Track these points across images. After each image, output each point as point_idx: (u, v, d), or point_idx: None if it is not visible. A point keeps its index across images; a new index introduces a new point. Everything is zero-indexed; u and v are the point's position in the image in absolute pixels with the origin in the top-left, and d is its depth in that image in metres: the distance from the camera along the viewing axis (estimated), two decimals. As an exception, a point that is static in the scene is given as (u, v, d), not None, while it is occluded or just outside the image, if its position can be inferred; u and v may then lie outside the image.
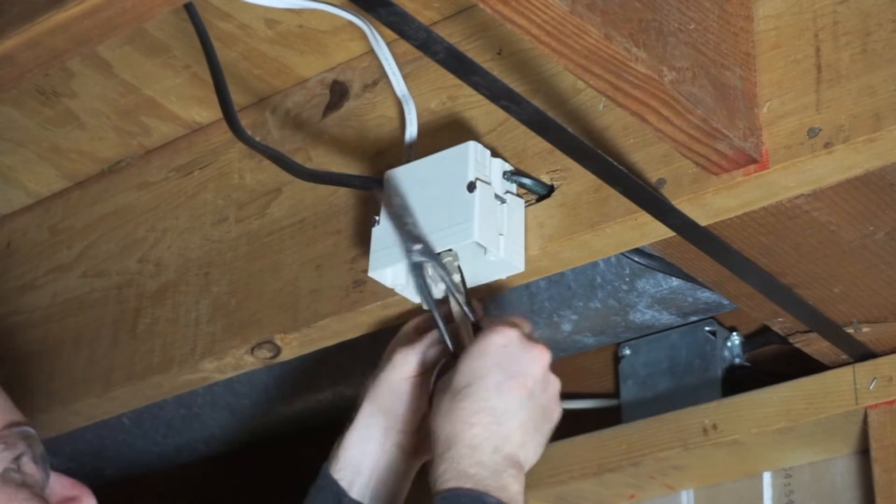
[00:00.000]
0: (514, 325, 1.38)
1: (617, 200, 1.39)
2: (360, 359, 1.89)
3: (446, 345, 1.42)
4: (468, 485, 1.28)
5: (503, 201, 1.45)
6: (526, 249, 1.45)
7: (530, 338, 1.37)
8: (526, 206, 1.47)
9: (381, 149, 1.62)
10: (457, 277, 1.43)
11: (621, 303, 1.73)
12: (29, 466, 1.25)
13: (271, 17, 1.62)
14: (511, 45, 1.53)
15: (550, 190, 1.46)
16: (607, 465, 1.82)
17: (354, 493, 1.44)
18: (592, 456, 1.83)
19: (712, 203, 1.36)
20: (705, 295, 1.71)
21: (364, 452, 1.45)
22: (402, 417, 1.44)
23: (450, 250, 1.44)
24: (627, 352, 1.92)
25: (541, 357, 1.36)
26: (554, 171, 1.46)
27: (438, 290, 1.44)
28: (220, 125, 1.74)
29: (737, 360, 1.85)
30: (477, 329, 1.41)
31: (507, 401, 1.33)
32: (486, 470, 1.29)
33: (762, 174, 1.32)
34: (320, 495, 1.44)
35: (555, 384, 1.38)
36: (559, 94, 1.47)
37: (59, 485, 1.29)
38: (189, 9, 1.42)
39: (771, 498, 1.81)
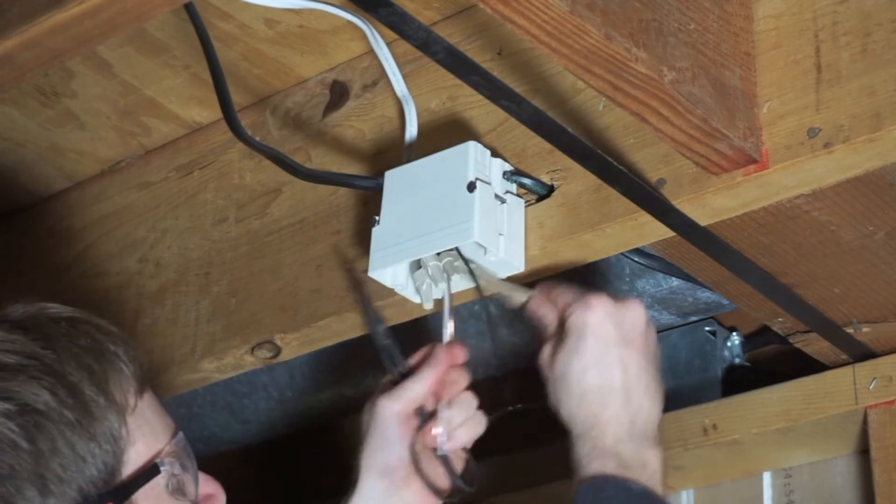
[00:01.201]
0: (597, 295, 1.37)
1: (617, 200, 1.39)
2: (362, 358, 1.89)
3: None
4: (612, 464, 1.30)
5: (503, 201, 1.45)
6: (526, 249, 1.45)
7: (617, 297, 1.38)
8: (526, 206, 1.47)
9: (381, 149, 1.62)
10: (456, 276, 1.43)
11: (621, 303, 1.73)
12: (183, 472, 1.24)
13: (271, 17, 1.62)
14: (511, 45, 1.53)
15: (550, 190, 1.46)
16: (607, 465, 1.81)
17: None
18: (593, 456, 1.83)
19: (712, 203, 1.36)
20: (705, 295, 1.71)
21: None
22: (399, 471, 1.41)
23: (452, 250, 1.44)
24: (627, 352, 1.92)
25: (639, 310, 1.37)
26: (554, 171, 1.46)
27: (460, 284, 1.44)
28: (220, 125, 1.74)
29: (737, 360, 1.85)
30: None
31: (630, 372, 1.34)
32: (628, 447, 1.31)
33: (762, 174, 1.32)
34: None
35: (653, 329, 1.39)
36: (559, 94, 1.47)
37: (201, 482, 1.27)
38: (189, 9, 1.42)
39: (771, 498, 1.81)
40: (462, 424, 1.41)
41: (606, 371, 1.34)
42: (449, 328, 1.44)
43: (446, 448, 1.40)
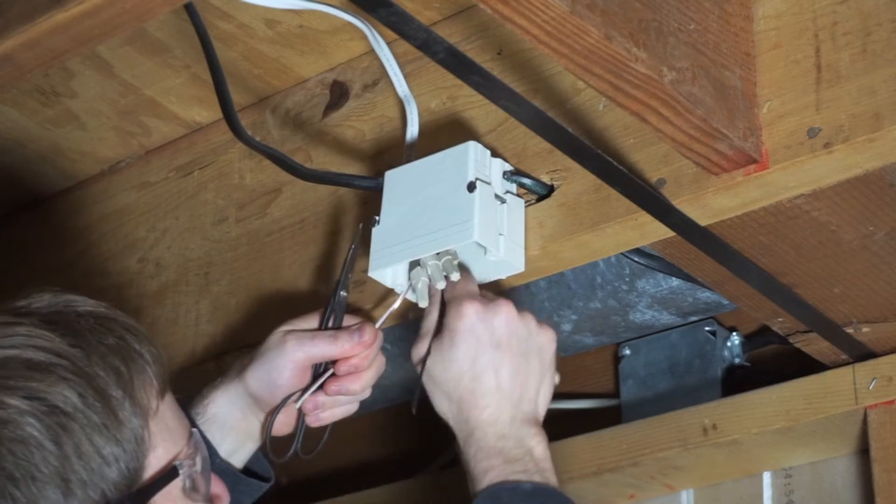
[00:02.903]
0: (470, 296, 1.41)
1: (617, 200, 1.39)
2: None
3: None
4: (497, 461, 1.34)
5: (503, 201, 1.45)
6: (526, 249, 1.45)
7: (486, 297, 1.42)
8: (526, 206, 1.47)
9: (381, 149, 1.62)
10: (455, 276, 1.44)
11: (621, 303, 1.73)
12: (196, 472, 1.26)
13: (271, 17, 1.62)
14: (511, 45, 1.53)
15: (550, 190, 1.46)
16: (607, 465, 1.82)
17: (223, 452, 1.46)
18: (592, 456, 1.83)
19: (712, 203, 1.36)
20: (705, 295, 1.71)
21: (229, 413, 1.46)
22: (264, 403, 1.46)
23: (450, 250, 1.44)
24: (627, 352, 1.92)
25: (508, 313, 1.40)
26: (554, 171, 1.46)
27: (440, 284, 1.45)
28: (220, 125, 1.75)
29: (737, 360, 1.85)
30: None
31: (503, 373, 1.38)
32: (511, 440, 1.36)
33: (762, 174, 1.32)
34: None
35: (530, 320, 1.42)
36: (559, 94, 1.47)
37: (212, 481, 1.30)
38: (189, 9, 1.42)
39: (771, 498, 1.81)
40: (333, 406, 1.46)
41: (479, 376, 1.38)
42: (385, 316, 1.47)
43: (310, 421, 1.45)
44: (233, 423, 1.46)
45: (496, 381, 1.38)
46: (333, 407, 1.47)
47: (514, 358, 1.39)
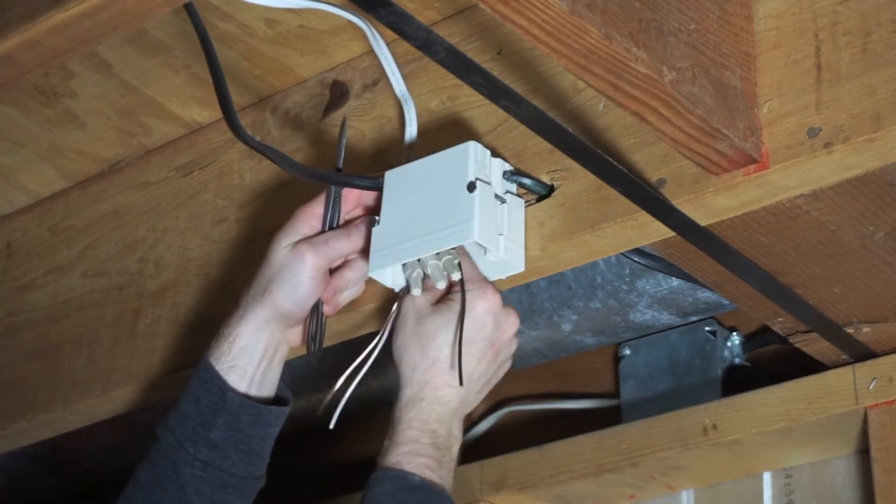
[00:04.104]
0: (495, 289, 1.44)
1: (617, 200, 1.39)
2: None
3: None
4: (426, 439, 1.39)
5: (503, 201, 1.45)
6: (526, 249, 1.45)
7: (503, 302, 1.45)
8: (526, 206, 1.47)
9: (381, 149, 1.62)
10: (456, 275, 1.44)
11: (621, 303, 1.73)
12: None
13: (271, 17, 1.62)
14: (511, 45, 1.53)
15: (550, 190, 1.46)
16: (607, 465, 1.82)
17: (255, 382, 1.48)
18: (592, 456, 1.83)
19: (712, 203, 1.36)
20: (705, 295, 1.71)
21: (258, 340, 1.48)
22: (291, 319, 1.49)
23: (451, 250, 1.44)
24: (627, 352, 1.93)
25: (514, 323, 1.45)
26: (554, 171, 1.46)
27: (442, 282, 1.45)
28: (220, 125, 1.74)
29: (737, 360, 1.86)
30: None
31: (481, 366, 1.43)
32: (444, 427, 1.41)
33: (762, 174, 1.32)
34: (203, 387, 1.47)
35: (514, 344, 1.47)
36: (559, 94, 1.47)
37: None
38: (189, 9, 1.42)
39: (771, 498, 1.81)
40: (346, 289, 1.50)
41: (463, 356, 1.40)
42: (391, 319, 1.47)
43: (328, 311, 1.49)
44: (262, 349, 1.48)
45: (472, 370, 1.42)
46: (345, 290, 1.49)
47: (493, 362, 1.44)
